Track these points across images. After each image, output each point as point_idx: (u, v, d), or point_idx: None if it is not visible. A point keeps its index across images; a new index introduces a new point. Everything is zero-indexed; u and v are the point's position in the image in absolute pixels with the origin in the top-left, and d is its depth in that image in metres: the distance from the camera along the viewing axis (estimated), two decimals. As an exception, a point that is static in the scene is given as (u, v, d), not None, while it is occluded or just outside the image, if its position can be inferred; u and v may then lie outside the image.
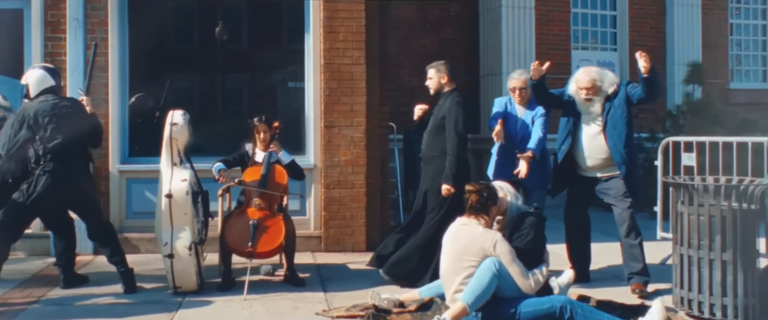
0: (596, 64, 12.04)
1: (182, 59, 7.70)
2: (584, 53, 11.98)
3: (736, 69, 12.96)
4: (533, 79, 5.55)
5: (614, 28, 12.21)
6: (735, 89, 12.73)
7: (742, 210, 4.60)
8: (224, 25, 7.71)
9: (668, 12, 12.25)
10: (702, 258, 4.65)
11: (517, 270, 4.35)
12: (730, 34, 12.90)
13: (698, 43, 12.31)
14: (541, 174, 5.85)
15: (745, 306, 4.57)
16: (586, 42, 12.02)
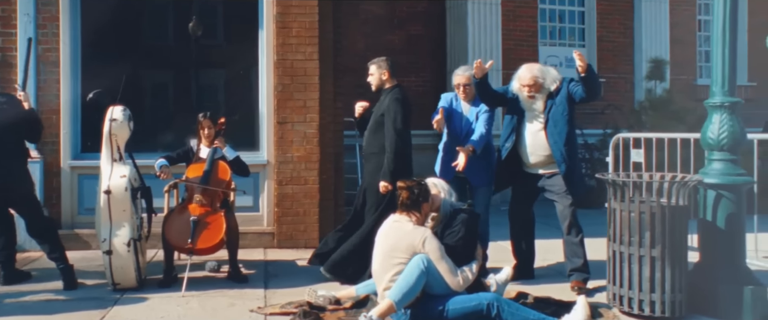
0: (564, 60, 12.17)
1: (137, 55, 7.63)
2: (552, 49, 12.00)
3: (704, 65, 12.99)
4: (476, 77, 5.54)
5: (582, 24, 12.24)
6: (703, 86, 12.73)
7: (670, 207, 4.62)
8: (198, 20, 7.65)
9: (636, 8, 12.28)
10: (632, 254, 4.67)
11: (446, 267, 4.35)
12: (699, 31, 12.94)
13: (666, 40, 12.35)
14: (487, 171, 5.84)
15: (672, 301, 4.59)
16: (554, 38, 12.03)
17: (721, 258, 4.80)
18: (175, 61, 7.80)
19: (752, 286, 4.68)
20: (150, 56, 7.75)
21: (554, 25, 12.04)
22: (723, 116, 4.84)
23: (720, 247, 4.81)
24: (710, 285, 4.76)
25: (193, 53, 7.79)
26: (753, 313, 4.64)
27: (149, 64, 7.70)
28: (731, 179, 4.79)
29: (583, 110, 11.79)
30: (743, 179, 4.81)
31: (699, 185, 4.88)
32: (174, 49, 7.88)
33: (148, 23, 7.69)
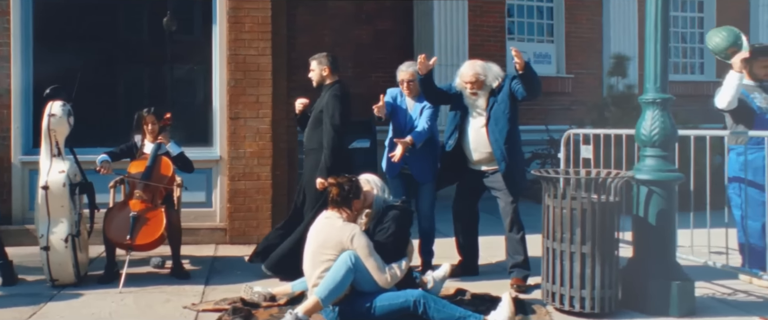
0: (532, 56, 12.17)
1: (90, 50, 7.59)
2: (520, 45, 11.98)
3: (674, 61, 13.03)
4: (420, 73, 5.53)
5: (551, 20, 12.24)
6: (673, 82, 12.67)
7: (600, 203, 4.63)
8: (172, 15, 7.62)
9: (605, 4, 12.30)
10: (563, 250, 4.67)
11: (374, 264, 4.35)
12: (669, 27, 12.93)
13: (634, 35, 12.36)
14: (432, 167, 5.84)
15: (601, 297, 4.61)
16: (522, 34, 12.03)
17: (651, 254, 4.82)
18: (129, 57, 7.76)
19: (679, 281, 4.70)
20: (103, 51, 7.71)
21: (523, 20, 12.04)
22: (655, 112, 4.86)
23: (651, 242, 4.83)
24: (641, 280, 4.78)
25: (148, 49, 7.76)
26: (679, 308, 4.66)
27: (102, 59, 7.65)
28: (662, 175, 4.80)
29: (551, 105, 11.87)
30: (673, 175, 4.83)
31: (632, 181, 4.89)
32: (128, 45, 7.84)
33: (101, 18, 7.64)
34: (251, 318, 4.61)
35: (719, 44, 5.62)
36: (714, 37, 5.67)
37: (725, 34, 5.61)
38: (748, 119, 5.63)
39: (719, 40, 5.61)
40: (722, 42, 5.59)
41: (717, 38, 5.63)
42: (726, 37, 5.59)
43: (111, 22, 7.66)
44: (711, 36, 5.71)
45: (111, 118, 7.48)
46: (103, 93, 7.52)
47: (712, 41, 5.69)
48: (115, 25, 7.71)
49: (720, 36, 5.63)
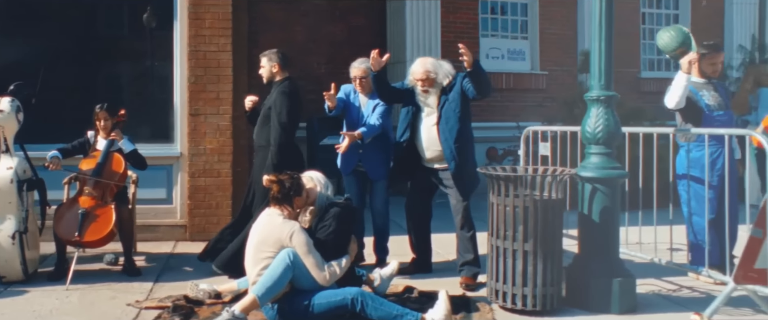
0: (506, 52, 12.18)
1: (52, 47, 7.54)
2: (494, 41, 12.00)
3: (648, 58, 13.06)
4: (373, 69, 5.51)
5: (525, 17, 12.23)
6: (646, 79, 12.83)
7: (543, 201, 4.63)
8: (152, 11, 7.58)
9: (579, 1, 12.28)
10: (507, 248, 4.68)
11: (313, 262, 4.34)
12: (642, 23, 12.99)
13: (609, 32, 12.36)
14: (385, 164, 5.83)
15: (543, 295, 4.61)
16: (496, 30, 12.02)
17: (595, 251, 4.83)
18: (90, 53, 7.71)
19: (621, 278, 4.71)
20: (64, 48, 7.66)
21: (496, 17, 12.03)
22: (599, 109, 4.86)
23: (595, 240, 4.83)
24: (584, 277, 4.78)
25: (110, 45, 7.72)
26: (620, 305, 4.67)
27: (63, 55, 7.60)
28: (606, 173, 4.81)
29: (524, 102, 11.87)
30: (617, 173, 4.83)
31: (577, 178, 4.90)
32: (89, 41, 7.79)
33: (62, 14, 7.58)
34: (192, 316, 4.60)
35: (668, 44, 5.63)
36: (663, 37, 5.68)
37: (674, 34, 5.62)
38: (697, 117, 5.65)
39: (668, 41, 5.61)
40: (671, 42, 5.60)
41: (666, 38, 5.64)
42: (675, 37, 5.59)
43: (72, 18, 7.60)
44: (661, 35, 5.72)
45: (71, 114, 7.42)
46: (64, 90, 7.47)
47: (661, 40, 5.70)
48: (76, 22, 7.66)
49: (669, 35, 5.64)
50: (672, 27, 5.72)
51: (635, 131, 5.54)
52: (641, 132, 5.57)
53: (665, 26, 5.85)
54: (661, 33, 5.71)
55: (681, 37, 5.57)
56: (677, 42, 5.57)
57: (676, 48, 5.57)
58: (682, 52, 5.55)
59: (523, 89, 11.87)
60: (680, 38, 5.57)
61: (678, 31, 5.62)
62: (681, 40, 5.56)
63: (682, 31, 5.61)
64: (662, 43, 5.68)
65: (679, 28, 5.68)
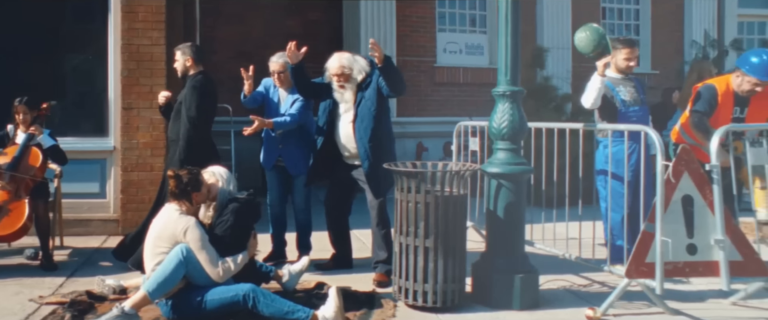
0: (464, 47, 12.15)
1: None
2: (451, 36, 11.96)
3: (609, 53, 13.01)
4: (290, 63, 5.48)
5: (483, 11, 12.19)
6: (607, 73, 12.78)
7: (444, 197, 4.61)
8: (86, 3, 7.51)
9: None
10: (409, 245, 4.66)
11: (206, 258, 4.31)
12: (603, 18, 12.96)
13: (568, 27, 12.35)
14: (305, 160, 5.79)
15: (444, 291, 4.60)
16: (454, 24, 11.98)
17: (500, 247, 4.82)
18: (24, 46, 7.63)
19: (523, 274, 4.70)
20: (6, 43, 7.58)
21: (454, 11, 11.99)
22: (505, 105, 4.85)
23: (500, 235, 4.82)
24: (488, 273, 4.77)
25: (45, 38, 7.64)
26: (521, 300, 4.67)
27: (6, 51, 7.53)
28: (510, 169, 4.79)
29: (482, 97, 11.82)
30: (522, 169, 4.82)
31: (487, 175, 4.88)
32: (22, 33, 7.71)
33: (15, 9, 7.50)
34: (90, 312, 4.57)
35: (586, 46, 5.59)
36: (580, 39, 5.62)
37: (589, 35, 5.55)
38: (613, 113, 5.65)
39: (585, 43, 5.57)
40: (588, 44, 5.56)
41: (582, 41, 5.59)
42: (591, 40, 5.54)
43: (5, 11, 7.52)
44: (577, 36, 5.66)
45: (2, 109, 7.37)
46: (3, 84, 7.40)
47: (578, 43, 5.66)
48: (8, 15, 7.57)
49: (584, 37, 5.58)
50: (586, 27, 5.67)
51: (541, 125, 5.53)
52: (553, 127, 5.55)
53: (581, 27, 5.76)
54: (578, 35, 5.66)
55: (596, 38, 5.53)
56: (594, 44, 5.53)
57: (593, 50, 5.55)
58: (598, 54, 5.52)
59: (480, 84, 11.81)
60: (595, 40, 5.53)
61: (593, 32, 5.58)
62: (596, 42, 5.52)
63: (597, 32, 5.57)
64: (580, 46, 5.65)
65: (593, 28, 5.63)
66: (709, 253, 4.51)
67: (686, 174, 4.56)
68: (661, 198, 4.43)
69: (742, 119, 5.58)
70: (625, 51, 5.73)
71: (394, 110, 11.35)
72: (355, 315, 4.55)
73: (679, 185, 4.54)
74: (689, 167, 4.57)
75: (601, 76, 5.48)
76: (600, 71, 5.47)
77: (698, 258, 4.51)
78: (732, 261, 4.48)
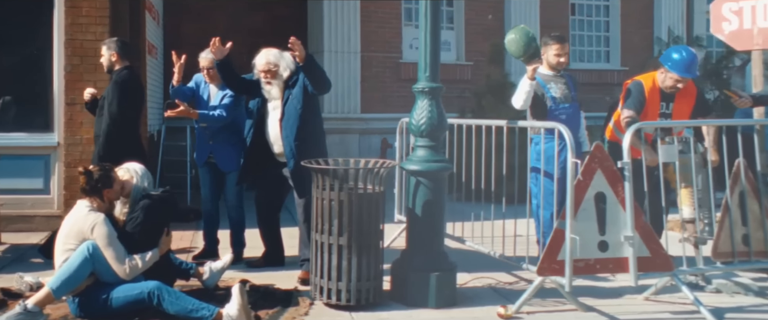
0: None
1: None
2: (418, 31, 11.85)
3: (578, 49, 13.01)
4: (216, 59, 5.44)
5: (451, 7, 12.14)
6: (576, 70, 12.71)
7: (357, 194, 4.58)
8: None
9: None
10: (324, 242, 4.63)
11: (112, 255, 4.28)
12: (572, 15, 12.93)
13: (536, 23, 12.31)
14: (236, 156, 5.76)
15: (358, 289, 4.57)
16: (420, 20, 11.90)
17: (419, 244, 4.79)
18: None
19: (439, 272, 4.67)
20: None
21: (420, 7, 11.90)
22: (424, 101, 4.82)
23: (418, 233, 4.80)
24: (405, 271, 4.75)
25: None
26: (437, 299, 4.64)
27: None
28: (429, 166, 4.77)
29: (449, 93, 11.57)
30: (440, 166, 4.79)
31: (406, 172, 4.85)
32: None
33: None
34: (1, 309, 4.54)
35: (517, 51, 5.51)
36: (510, 44, 5.52)
37: (518, 39, 5.44)
38: (543, 111, 5.63)
39: (516, 48, 5.48)
40: (518, 49, 5.48)
41: (513, 45, 5.49)
42: (520, 43, 5.43)
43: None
44: (508, 41, 5.56)
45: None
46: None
47: (508, 46, 5.57)
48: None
49: (514, 40, 5.47)
50: (515, 30, 5.56)
51: (461, 122, 5.51)
52: (473, 124, 5.54)
53: (511, 30, 5.68)
54: (508, 39, 5.56)
55: (526, 40, 5.45)
56: (523, 47, 5.45)
57: (523, 53, 5.48)
58: (529, 57, 5.48)
59: (447, 80, 11.67)
60: (525, 42, 5.45)
61: (522, 35, 5.47)
62: (526, 44, 5.45)
63: (525, 35, 5.46)
64: (510, 50, 5.57)
65: (522, 31, 5.51)
66: (619, 250, 4.49)
67: (599, 172, 4.54)
68: (570, 196, 4.41)
69: (668, 114, 5.61)
70: (555, 47, 5.71)
71: (358, 106, 11.35)
72: (268, 313, 4.53)
73: (592, 182, 4.52)
74: (602, 165, 4.54)
75: (530, 80, 5.46)
76: (529, 75, 5.45)
77: (609, 255, 4.49)
78: (640, 257, 4.47)
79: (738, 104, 5.78)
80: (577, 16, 13.00)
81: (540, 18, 12.37)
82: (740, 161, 4.93)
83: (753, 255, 4.91)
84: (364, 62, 11.33)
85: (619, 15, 12.89)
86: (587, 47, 13.11)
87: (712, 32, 6.34)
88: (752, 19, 5.94)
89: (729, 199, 4.87)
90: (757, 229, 4.90)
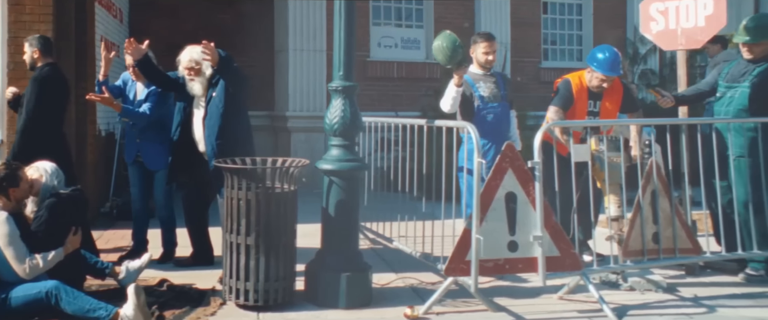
0: (400, 41, 12.04)
1: None
2: (386, 30, 11.87)
3: (551, 48, 12.95)
4: (133, 58, 5.40)
5: (420, 5, 12.09)
6: (547, 68, 12.71)
7: (266, 194, 4.54)
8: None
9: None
10: (233, 242, 4.59)
11: (12, 254, 4.25)
12: (544, 13, 12.86)
13: (507, 22, 12.27)
14: (163, 155, 5.72)
15: (266, 290, 4.52)
16: (389, 18, 11.89)
17: (333, 245, 4.75)
18: None
19: (350, 273, 4.63)
20: None
21: (389, 4, 11.89)
22: (338, 100, 4.77)
23: (332, 233, 4.76)
24: (318, 271, 4.71)
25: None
26: (348, 299, 4.60)
27: None
28: (342, 165, 4.72)
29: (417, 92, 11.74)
30: (352, 165, 4.74)
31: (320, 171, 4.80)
32: None
33: None
34: None
35: (442, 60, 5.46)
36: (436, 49, 5.45)
37: (444, 47, 5.34)
38: (471, 110, 5.60)
39: (443, 57, 5.41)
40: (444, 57, 5.41)
41: (439, 54, 5.42)
42: (447, 54, 5.36)
43: None
44: (434, 49, 5.47)
45: None
46: None
47: (434, 53, 5.50)
48: None
49: (440, 49, 5.37)
50: (441, 37, 5.45)
51: (374, 121, 5.47)
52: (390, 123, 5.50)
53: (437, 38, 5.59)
54: (434, 47, 5.47)
55: (452, 48, 5.36)
56: (450, 56, 5.38)
57: (449, 61, 5.41)
58: (457, 64, 5.42)
59: (416, 79, 11.75)
60: (452, 49, 5.36)
61: (447, 43, 5.36)
62: (452, 51, 5.36)
63: (452, 43, 5.34)
64: (439, 59, 5.51)
65: (449, 38, 5.40)
66: (529, 249, 4.47)
67: (510, 171, 4.50)
68: (476, 196, 4.37)
69: (596, 112, 5.60)
70: (483, 45, 5.67)
71: (324, 105, 11.27)
72: (173, 313, 4.49)
73: (502, 182, 4.48)
74: (513, 165, 4.50)
75: (457, 86, 5.41)
76: (456, 82, 5.41)
77: (519, 255, 4.47)
78: (550, 256, 4.45)
79: (661, 103, 5.74)
80: (550, 14, 12.94)
81: (511, 16, 12.32)
82: (653, 161, 4.90)
83: (662, 252, 4.89)
84: (330, 61, 11.25)
85: (592, 14, 12.82)
86: (560, 46, 13.05)
87: (642, 32, 6.30)
88: (676, 20, 5.89)
89: (641, 198, 4.83)
90: (666, 227, 4.88)
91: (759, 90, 5.24)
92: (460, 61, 5.43)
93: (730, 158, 5.24)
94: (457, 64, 5.42)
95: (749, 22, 5.39)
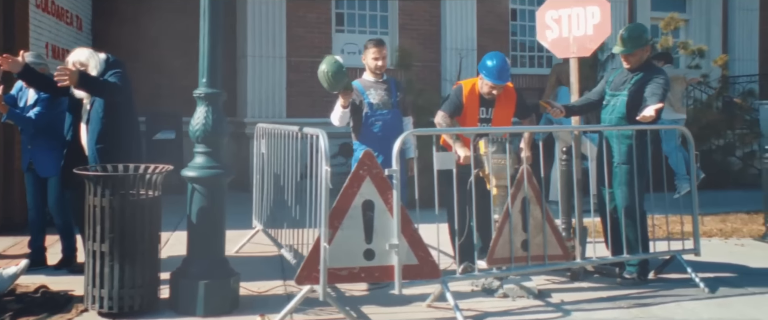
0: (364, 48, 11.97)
1: None
2: (350, 36, 11.83)
3: (519, 55, 12.81)
4: (12, 72, 5.33)
5: (385, 12, 12.03)
6: (516, 75, 12.52)
7: (121, 200, 4.50)
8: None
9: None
10: (89, 249, 4.56)
11: None
12: (513, 20, 12.74)
13: (473, 29, 12.17)
14: (55, 161, 5.68)
15: (121, 297, 4.48)
16: (353, 25, 11.85)
17: (196, 252, 4.70)
18: None
19: (210, 280, 4.57)
20: None
21: (353, 12, 11.85)
22: (201, 107, 4.72)
23: (196, 241, 4.70)
24: (179, 278, 4.66)
25: None
26: (206, 307, 4.53)
27: None
28: (204, 172, 4.67)
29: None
30: (215, 172, 4.68)
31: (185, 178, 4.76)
32: None
33: None
34: None
35: (328, 86, 5.32)
36: (322, 77, 5.28)
37: (329, 72, 5.21)
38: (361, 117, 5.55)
39: (327, 84, 5.30)
40: (330, 85, 5.28)
41: (324, 80, 5.25)
42: (330, 81, 5.25)
43: None
44: (320, 75, 5.25)
45: None
46: None
47: (322, 80, 5.29)
48: None
49: (325, 75, 5.20)
50: (326, 62, 5.27)
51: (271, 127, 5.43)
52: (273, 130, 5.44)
53: (322, 65, 5.42)
54: (319, 72, 5.28)
55: (334, 73, 5.20)
56: (333, 82, 5.24)
57: (336, 85, 5.28)
58: (344, 87, 5.33)
59: (380, 84, 11.67)
60: (334, 75, 5.21)
61: (332, 69, 5.20)
62: (336, 76, 5.22)
63: (335, 69, 5.19)
64: (324, 85, 5.37)
65: (333, 64, 5.22)
66: (386, 258, 4.39)
67: (368, 179, 4.43)
68: (325, 204, 4.29)
69: (488, 119, 5.53)
70: (372, 51, 5.62)
71: (284, 111, 11.26)
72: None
73: (360, 190, 4.41)
74: (371, 172, 4.43)
75: (343, 108, 5.35)
76: (343, 104, 5.35)
77: (375, 263, 4.40)
78: (408, 264, 4.38)
79: (552, 113, 5.63)
80: (518, 21, 12.81)
81: (478, 23, 12.23)
82: (524, 168, 4.80)
83: (530, 259, 4.80)
84: (291, 67, 11.26)
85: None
86: (528, 53, 12.91)
87: (538, 39, 6.19)
88: (569, 28, 5.77)
89: (510, 206, 4.72)
90: (536, 234, 4.78)
91: (635, 98, 5.16)
92: (347, 86, 5.33)
93: (614, 164, 5.16)
94: (344, 89, 5.33)
95: (624, 33, 5.40)
